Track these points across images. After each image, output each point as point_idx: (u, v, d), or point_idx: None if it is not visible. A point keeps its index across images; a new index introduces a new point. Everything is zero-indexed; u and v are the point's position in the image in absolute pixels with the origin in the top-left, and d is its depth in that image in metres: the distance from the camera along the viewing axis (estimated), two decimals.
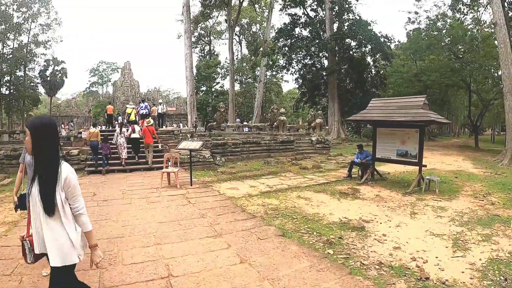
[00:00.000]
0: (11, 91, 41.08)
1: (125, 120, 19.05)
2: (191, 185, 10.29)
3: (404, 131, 11.08)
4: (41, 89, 46.59)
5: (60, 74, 45.97)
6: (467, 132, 66.71)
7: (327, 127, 33.86)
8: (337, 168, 15.51)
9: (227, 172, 13.06)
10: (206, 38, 56.60)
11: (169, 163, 10.71)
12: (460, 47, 33.28)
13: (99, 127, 20.45)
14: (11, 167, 13.58)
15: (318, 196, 9.43)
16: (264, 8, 51.98)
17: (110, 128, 21.18)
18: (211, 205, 8.20)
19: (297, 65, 37.69)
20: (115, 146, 14.03)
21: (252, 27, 56.96)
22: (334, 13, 34.60)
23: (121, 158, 13.81)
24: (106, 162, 13.34)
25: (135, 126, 14.89)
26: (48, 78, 44.88)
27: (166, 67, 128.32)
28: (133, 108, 19.71)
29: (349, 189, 10.03)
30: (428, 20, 37.31)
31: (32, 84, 44.51)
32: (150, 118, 16.48)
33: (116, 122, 25.18)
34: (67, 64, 47.42)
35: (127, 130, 14.47)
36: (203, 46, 57.03)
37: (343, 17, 34.90)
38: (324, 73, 36.28)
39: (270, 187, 10.94)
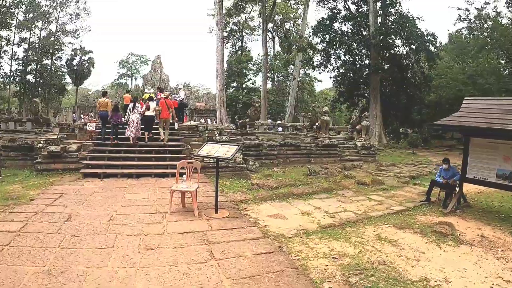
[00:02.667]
0: (38, 79, 39.22)
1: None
2: (216, 212, 6.64)
3: (510, 144, 7.79)
4: (68, 79, 45.03)
5: (87, 64, 44.14)
6: None
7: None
8: (400, 184, 11.72)
9: (266, 187, 9.38)
10: (238, 33, 53.15)
11: (184, 174, 7.11)
12: None
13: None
14: (8, 159, 11.37)
15: (405, 237, 6.26)
16: (299, 4, 48.02)
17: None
18: (251, 263, 4.53)
19: (335, 62, 33.67)
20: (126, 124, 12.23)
21: (285, 24, 53.09)
22: (378, 6, 30.43)
23: (131, 137, 11.76)
24: (115, 132, 11.99)
25: (150, 102, 12.68)
26: (75, 68, 43.12)
27: (196, 63, 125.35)
28: (151, 93, 16.77)
29: (441, 225, 6.86)
30: (480, 18, 32.54)
31: (58, 73, 42.75)
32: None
33: None
34: (95, 55, 45.34)
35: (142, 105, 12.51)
36: (235, 41, 53.67)
37: (389, 10, 30.67)
38: (365, 72, 32.05)
39: (330, 215, 7.41)
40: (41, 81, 39.73)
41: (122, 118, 12.84)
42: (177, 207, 6.86)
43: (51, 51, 40.60)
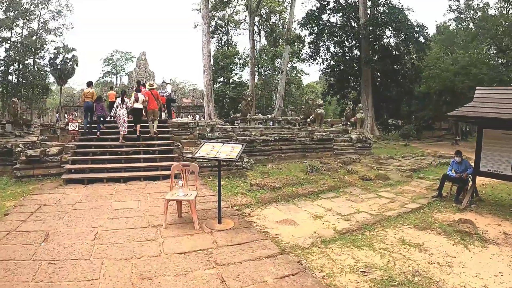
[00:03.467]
0: (20, 79, 37.53)
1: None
2: (219, 222, 5.62)
3: None
4: (52, 78, 43.26)
5: (70, 62, 42.42)
6: None
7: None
8: (405, 179, 11.08)
9: (267, 187, 8.48)
10: (224, 28, 51.76)
11: (179, 179, 5.94)
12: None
13: None
14: None
15: (430, 239, 5.65)
16: None
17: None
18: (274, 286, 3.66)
19: (324, 55, 32.87)
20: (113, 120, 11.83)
21: (271, 17, 51.94)
22: None
23: (120, 133, 10.97)
24: (100, 125, 11.43)
25: (139, 94, 11.95)
26: (58, 66, 41.28)
27: (181, 59, 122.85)
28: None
29: (462, 223, 6.25)
30: (469, 9, 32.14)
31: (41, 72, 40.90)
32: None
33: None
34: (78, 53, 43.60)
35: (129, 100, 12.00)
36: (221, 36, 52.28)
37: (379, 1, 30.08)
38: (355, 64, 31.32)
39: (345, 218, 6.64)
40: (24, 81, 37.99)
41: (107, 112, 12.33)
42: (172, 217, 5.88)
43: (33, 50, 38.91)
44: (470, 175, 8.19)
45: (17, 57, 36.99)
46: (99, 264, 4.00)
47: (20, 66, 37.56)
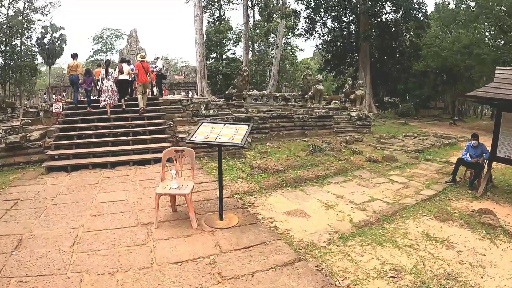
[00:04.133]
0: (7, 61, 35.91)
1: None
2: (221, 219, 4.76)
3: None
4: (40, 59, 41.74)
5: (59, 42, 40.82)
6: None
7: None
8: (412, 161, 10.51)
9: (270, 170, 7.67)
10: (216, 2, 49.61)
11: (173, 166, 4.95)
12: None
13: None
14: None
15: (454, 233, 5.14)
16: None
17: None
18: None
19: (321, 30, 31.54)
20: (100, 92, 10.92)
21: None
22: None
23: (105, 103, 10.38)
24: (89, 100, 10.95)
25: (124, 65, 11.55)
26: (46, 46, 39.75)
27: (173, 36, 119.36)
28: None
29: (484, 214, 5.78)
30: None
31: (29, 53, 39.06)
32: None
33: None
34: (67, 31, 41.89)
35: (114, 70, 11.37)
36: (213, 11, 50.05)
37: None
38: (353, 40, 30.14)
39: (359, 207, 5.97)
40: (11, 63, 36.09)
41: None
42: (165, 212, 5.04)
43: (20, 30, 37.07)
44: (486, 160, 7.66)
45: (3, 39, 35.24)
46: (77, 282, 3.20)
47: (7, 48, 35.82)
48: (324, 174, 7.71)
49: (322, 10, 29.74)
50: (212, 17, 50.15)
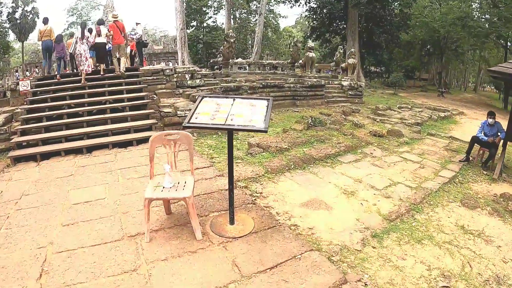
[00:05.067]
0: None
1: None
2: (232, 223, 3.63)
3: None
4: (12, 36, 38.59)
5: (31, 16, 37.35)
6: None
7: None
8: (417, 135, 9.91)
9: (272, 148, 6.70)
10: None
11: (164, 155, 3.76)
12: None
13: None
14: None
15: (487, 224, 4.58)
16: None
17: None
18: None
19: None
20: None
21: None
22: None
23: (80, 72, 9.51)
24: (59, 68, 10.29)
25: (101, 27, 10.55)
26: (18, 21, 36.37)
27: (151, 4, 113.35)
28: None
29: (508, 200, 5.30)
30: None
31: (0, 29, 35.83)
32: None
33: None
34: (39, 4, 38.61)
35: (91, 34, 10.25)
36: None
37: None
38: (341, 7, 28.69)
39: (383, 194, 5.26)
40: None
41: (67, 53, 10.60)
42: (157, 216, 3.87)
43: None
44: (501, 140, 7.16)
45: None
46: None
47: None
48: (333, 152, 6.86)
49: None
50: None
